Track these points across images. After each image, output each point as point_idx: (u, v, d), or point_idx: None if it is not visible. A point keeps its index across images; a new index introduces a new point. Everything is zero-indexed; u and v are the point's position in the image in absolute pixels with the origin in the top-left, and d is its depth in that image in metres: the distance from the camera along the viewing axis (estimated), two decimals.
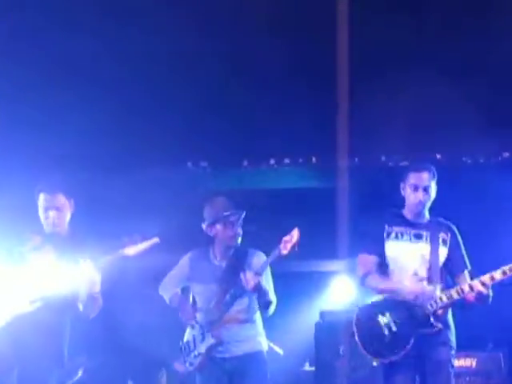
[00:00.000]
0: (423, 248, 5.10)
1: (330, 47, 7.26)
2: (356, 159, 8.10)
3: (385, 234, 5.14)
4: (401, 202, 5.25)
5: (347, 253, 8.62)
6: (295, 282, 5.92)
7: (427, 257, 5.06)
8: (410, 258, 5.08)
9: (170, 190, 8.36)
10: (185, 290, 5.89)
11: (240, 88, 7.75)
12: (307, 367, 8.73)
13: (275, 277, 5.79)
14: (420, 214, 5.15)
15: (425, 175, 5.10)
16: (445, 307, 4.96)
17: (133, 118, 7.83)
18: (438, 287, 4.94)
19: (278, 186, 8.49)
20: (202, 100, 7.89)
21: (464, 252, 5.16)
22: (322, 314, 8.69)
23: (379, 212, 5.33)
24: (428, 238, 5.08)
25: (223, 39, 7.26)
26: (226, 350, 5.60)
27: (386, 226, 5.15)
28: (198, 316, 5.69)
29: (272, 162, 8.21)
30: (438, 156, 8.24)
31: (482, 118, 7.64)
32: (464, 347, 7.60)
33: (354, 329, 5.08)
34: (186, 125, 7.95)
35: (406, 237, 5.12)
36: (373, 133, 7.98)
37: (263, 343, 5.77)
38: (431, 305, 4.90)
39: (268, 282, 5.71)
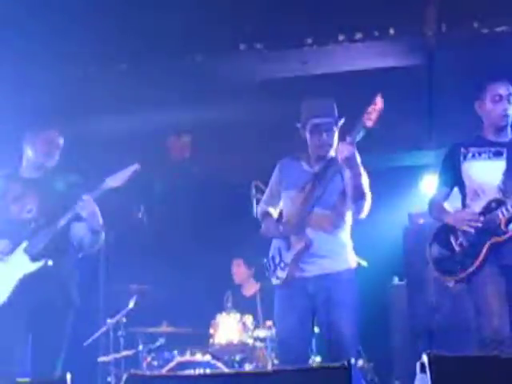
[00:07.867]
0: (502, 165, 5.04)
1: None
2: (444, 26, 6.86)
3: (461, 157, 5.13)
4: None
5: (436, 142, 8.05)
6: (376, 181, 5.11)
7: (504, 173, 5.00)
8: (487, 176, 5.04)
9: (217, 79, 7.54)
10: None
11: None
12: (396, 281, 8.15)
13: None
14: (504, 129, 5.08)
15: (505, 85, 5.04)
16: None
17: None
18: None
19: (350, 67, 7.54)
20: None
21: None
22: (411, 217, 8.03)
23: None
24: (505, 155, 5.04)
25: None
26: (307, 268, 5.15)
27: (462, 149, 5.13)
28: (282, 226, 5.33)
29: (341, 38, 7.10)
30: None
31: None
32: None
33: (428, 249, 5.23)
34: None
35: (484, 155, 5.08)
36: None
37: (351, 259, 5.23)
38: (502, 213, 4.87)
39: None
